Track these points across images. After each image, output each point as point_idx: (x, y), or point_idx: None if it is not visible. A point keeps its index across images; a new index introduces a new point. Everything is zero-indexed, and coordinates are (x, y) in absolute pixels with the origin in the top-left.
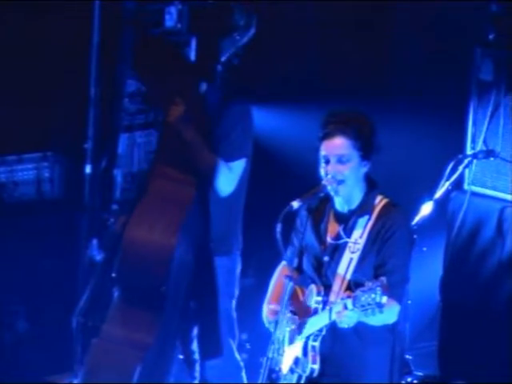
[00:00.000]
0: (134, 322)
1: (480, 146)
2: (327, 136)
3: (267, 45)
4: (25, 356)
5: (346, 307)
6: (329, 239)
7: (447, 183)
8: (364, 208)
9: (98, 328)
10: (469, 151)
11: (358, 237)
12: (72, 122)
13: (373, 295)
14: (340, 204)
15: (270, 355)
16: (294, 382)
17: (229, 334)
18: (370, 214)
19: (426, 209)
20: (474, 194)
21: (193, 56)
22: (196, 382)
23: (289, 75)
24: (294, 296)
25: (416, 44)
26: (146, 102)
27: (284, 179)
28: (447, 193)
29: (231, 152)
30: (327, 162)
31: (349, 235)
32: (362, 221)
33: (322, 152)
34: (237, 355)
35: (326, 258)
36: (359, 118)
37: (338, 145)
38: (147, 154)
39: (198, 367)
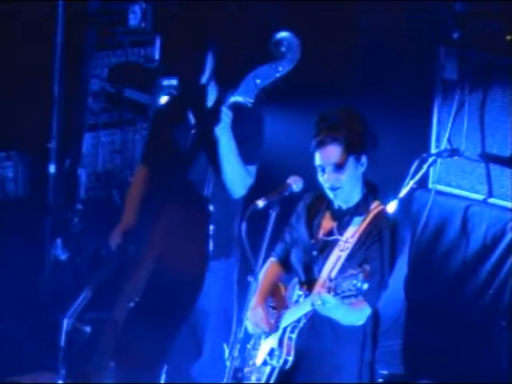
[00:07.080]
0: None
1: (444, 144)
2: (320, 145)
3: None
4: None
5: (328, 291)
6: (320, 235)
7: (412, 182)
8: (360, 209)
9: (87, 331)
10: (433, 150)
11: (350, 236)
12: (36, 121)
13: (354, 281)
14: (337, 203)
15: (235, 354)
16: (267, 374)
17: (224, 338)
18: (365, 216)
19: (391, 208)
20: (438, 192)
21: (157, 55)
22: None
23: None
24: (275, 292)
25: (380, 43)
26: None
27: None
28: (411, 191)
29: (251, 155)
30: (323, 170)
31: (341, 233)
32: (356, 221)
33: (317, 161)
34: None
35: (314, 253)
36: (348, 117)
37: (331, 153)
38: (112, 153)
39: None
